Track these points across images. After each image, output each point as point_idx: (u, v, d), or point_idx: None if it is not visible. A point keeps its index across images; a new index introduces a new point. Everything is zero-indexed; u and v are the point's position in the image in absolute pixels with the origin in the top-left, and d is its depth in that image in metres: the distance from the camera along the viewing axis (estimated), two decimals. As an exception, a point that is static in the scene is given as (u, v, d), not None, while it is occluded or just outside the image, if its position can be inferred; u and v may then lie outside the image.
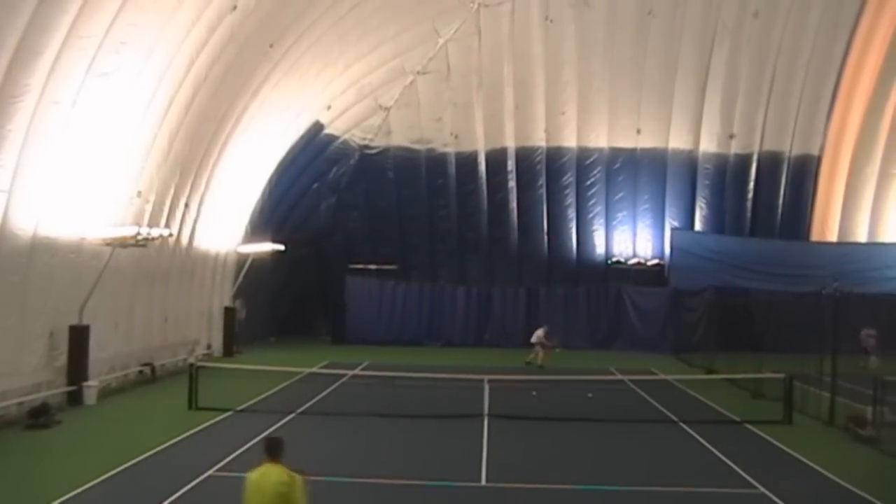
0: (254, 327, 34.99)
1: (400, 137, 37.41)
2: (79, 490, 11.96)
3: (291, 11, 25.07)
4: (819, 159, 37.43)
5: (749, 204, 38.22)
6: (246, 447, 15.21)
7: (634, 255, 38.74)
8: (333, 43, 28.96)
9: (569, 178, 38.00)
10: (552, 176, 37.94)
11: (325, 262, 39.54)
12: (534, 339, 30.68)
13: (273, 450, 7.74)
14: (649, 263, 38.55)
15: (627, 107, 36.64)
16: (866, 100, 36.00)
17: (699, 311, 33.22)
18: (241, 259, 32.19)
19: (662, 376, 25.58)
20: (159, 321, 25.56)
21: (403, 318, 38.61)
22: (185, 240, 26.56)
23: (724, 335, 27.91)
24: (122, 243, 19.66)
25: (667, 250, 38.06)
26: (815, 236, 38.20)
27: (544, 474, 13.89)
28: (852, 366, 22.46)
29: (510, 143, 37.50)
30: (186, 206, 25.67)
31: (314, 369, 25.12)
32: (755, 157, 37.52)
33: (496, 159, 37.78)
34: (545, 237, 38.60)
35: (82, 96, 17.44)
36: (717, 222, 38.25)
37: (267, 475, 7.56)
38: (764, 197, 38.08)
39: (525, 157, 37.71)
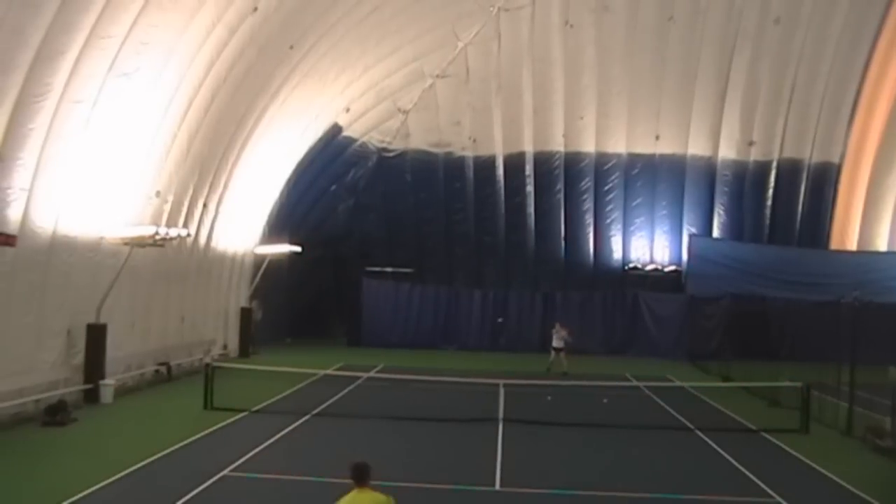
0: (270, 328, 35.03)
1: (418, 140, 37.43)
2: (94, 488, 12.02)
3: (311, 14, 25.16)
4: (839, 167, 37.14)
5: (768, 211, 37.97)
6: (261, 448, 15.28)
7: (651, 261, 38.57)
8: (353, 45, 29.03)
9: (587, 183, 37.91)
10: (570, 181, 37.83)
11: (342, 264, 39.47)
12: (560, 344, 29.60)
13: (361, 474, 7.58)
14: (666, 270, 38.36)
15: (646, 112, 36.50)
16: (888, 108, 35.60)
17: (716, 318, 32.95)
18: (259, 260, 32.25)
19: (678, 383, 25.44)
20: (176, 321, 25.63)
21: (419, 322, 38.43)
22: (202, 240, 26.65)
23: (741, 343, 27.68)
24: (140, 243, 19.74)
25: (684, 257, 37.83)
26: (835, 245, 37.87)
27: (559, 479, 13.82)
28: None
29: (528, 148, 37.44)
30: (204, 206, 25.80)
31: (329, 371, 25.09)
32: (774, 165, 37.28)
33: (514, 163, 37.73)
34: (562, 242, 38.48)
35: (103, 96, 17.57)
36: (736, 229, 38.01)
37: (359, 502, 7.38)
38: (783, 204, 37.82)
39: (543, 161, 37.64)
